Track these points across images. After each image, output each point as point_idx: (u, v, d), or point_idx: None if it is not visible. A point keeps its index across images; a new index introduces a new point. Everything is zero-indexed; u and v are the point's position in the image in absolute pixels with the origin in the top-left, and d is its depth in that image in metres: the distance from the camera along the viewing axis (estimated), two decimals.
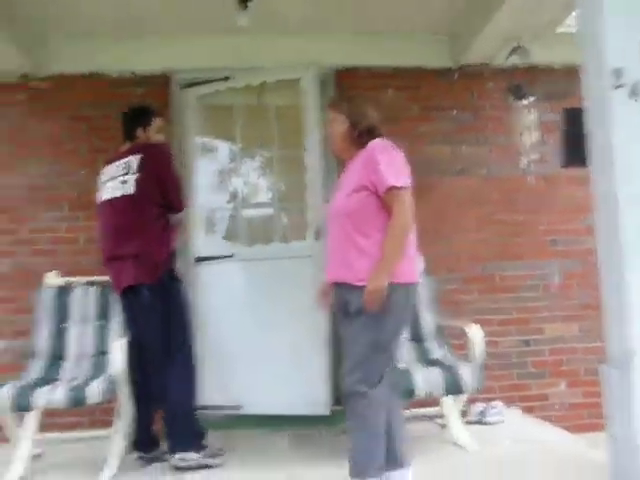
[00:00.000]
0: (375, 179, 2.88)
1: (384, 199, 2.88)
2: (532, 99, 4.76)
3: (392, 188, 2.86)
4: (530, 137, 4.91)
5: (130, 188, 3.67)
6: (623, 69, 2.84)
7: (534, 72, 4.72)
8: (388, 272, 2.83)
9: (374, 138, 3.04)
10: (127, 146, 3.84)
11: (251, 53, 4.85)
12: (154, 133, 3.82)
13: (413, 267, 2.97)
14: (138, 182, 3.65)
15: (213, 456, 3.68)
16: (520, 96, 4.79)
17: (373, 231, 2.89)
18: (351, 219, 2.92)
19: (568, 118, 3.83)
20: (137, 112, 3.85)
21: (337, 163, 4.87)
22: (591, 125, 3.03)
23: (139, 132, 3.79)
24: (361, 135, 3.08)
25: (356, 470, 2.85)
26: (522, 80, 4.73)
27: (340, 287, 2.98)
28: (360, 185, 2.92)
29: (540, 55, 4.82)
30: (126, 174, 3.70)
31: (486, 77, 5.14)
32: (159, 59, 4.88)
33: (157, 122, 3.87)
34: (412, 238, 2.96)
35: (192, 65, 4.89)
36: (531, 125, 4.91)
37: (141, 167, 3.66)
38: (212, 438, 3.88)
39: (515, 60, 4.68)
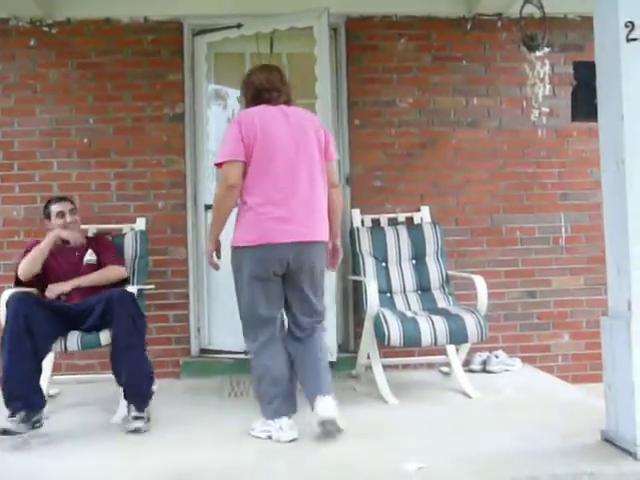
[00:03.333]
0: None
1: None
2: (546, 50, 4.68)
3: (216, 166, 3.24)
4: (542, 90, 4.86)
5: None
6: (636, 22, 2.82)
7: (549, 23, 4.63)
8: (210, 238, 3.29)
9: (259, 104, 3.27)
10: None
11: (263, 0, 4.80)
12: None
13: (247, 232, 3.15)
14: None
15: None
16: (534, 47, 4.72)
17: (243, 197, 3.19)
18: None
19: (580, 71, 3.77)
20: None
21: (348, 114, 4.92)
22: (601, 79, 3.02)
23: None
24: (248, 105, 3.36)
25: None
26: (536, 31, 4.65)
27: None
28: None
29: (555, 5, 4.73)
30: None
31: (499, 28, 5.07)
32: (171, 5, 4.82)
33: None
34: (261, 203, 3.12)
35: (204, 12, 4.84)
36: (543, 77, 4.86)
37: None
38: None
39: (529, 10, 4.60)
